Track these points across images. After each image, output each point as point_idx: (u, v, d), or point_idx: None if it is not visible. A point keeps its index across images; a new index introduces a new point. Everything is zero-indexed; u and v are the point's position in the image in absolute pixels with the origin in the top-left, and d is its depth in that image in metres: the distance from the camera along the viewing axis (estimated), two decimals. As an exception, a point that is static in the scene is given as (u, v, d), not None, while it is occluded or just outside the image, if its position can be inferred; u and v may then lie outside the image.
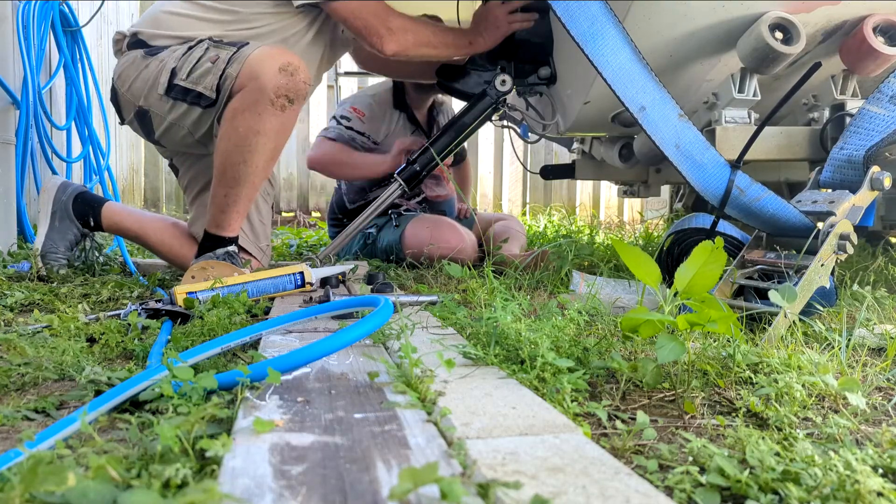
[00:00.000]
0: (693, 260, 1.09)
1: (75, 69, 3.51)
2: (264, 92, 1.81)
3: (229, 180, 1.89)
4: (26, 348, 1.14)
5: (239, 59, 1.88)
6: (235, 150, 1.86)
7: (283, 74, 1.82)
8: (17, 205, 2.91)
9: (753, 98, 1.89)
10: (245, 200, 1.94)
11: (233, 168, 1.88)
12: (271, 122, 1.84)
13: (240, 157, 1.86)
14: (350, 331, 0.95)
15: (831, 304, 1.56)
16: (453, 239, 2.61)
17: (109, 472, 0.62)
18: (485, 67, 2.32)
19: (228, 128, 1.86)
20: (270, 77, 1.81)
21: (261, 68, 1.82)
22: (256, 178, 1.91)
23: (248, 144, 1.85)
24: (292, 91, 1.84)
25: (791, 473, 0.71)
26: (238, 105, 1.85)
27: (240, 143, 1.85)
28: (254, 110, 1.82)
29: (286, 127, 1.89)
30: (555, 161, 5.89)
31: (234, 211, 1.93)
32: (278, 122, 1.85)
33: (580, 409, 0.93)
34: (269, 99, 1.82)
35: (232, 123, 1.85)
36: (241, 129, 1.84)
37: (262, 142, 1.85)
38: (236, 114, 1.85)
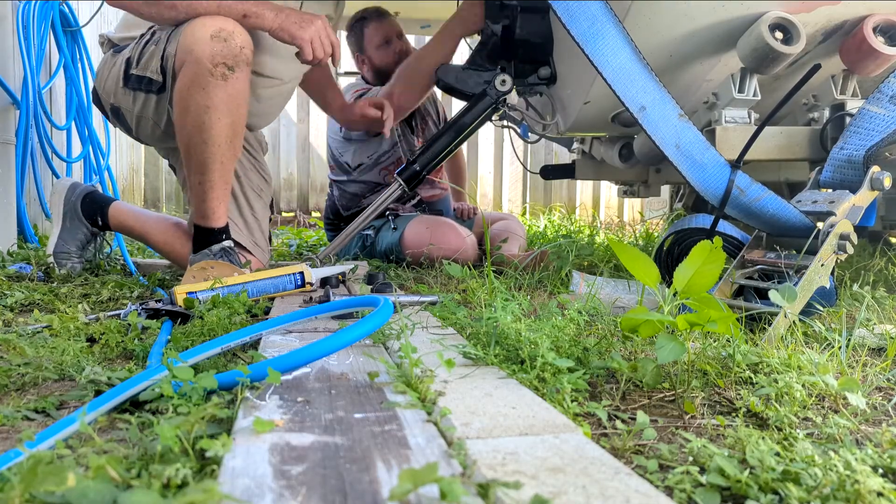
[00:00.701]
0: (692, 259, 1.09)
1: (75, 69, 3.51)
2: (201, 63, 1.72)
3: (197, 165, 1.84)
4: (26, 348, 1.14)
5: (175, 35, 1.82)
6: (193, 132, 1.80)
7: (217, 41, 1.72)
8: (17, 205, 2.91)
9: (753, 98, 1.89)
10: (221, 184, 1.87)
11: (196, 151, 1.81)
12: (218, 95, 1.75)
13: (199, 137, 1.79)
14: (350, 331, 0.95)
15: (831, 304, 1.56)
16: (453, 239, 2.61)
17: (109, 472, 0.62)
18: (485, 67, 2.32)
19: (180, 110, 1.81)
20: (204, 46, 1.72)
21: (193, 39, 1.74)
22: (224, 157, 1.83)
23: (203, 123, 1.77)
24: (229, 57, 1.74)
25: (791, 473, 0.71)
26: (182, 83, 1.78)
27: (194, 124, 1.78)
28: (197, 85, 1.74)
29: (237, 97, 1.79)
30: (555, 161, 5.89)
31: (214, 198, 1.87)
32: (225, 93, 1.75)
33: (580, 409, 0.93)
34: (207, 70, 1.72)
35: (182, 105, 1.79)
36: (191, 109, 1.77)
37: (216, 117, 1.77)
38: (183, 93, 1.78)
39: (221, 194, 1.90)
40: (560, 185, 6.28)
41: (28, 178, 3.14)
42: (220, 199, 1.90)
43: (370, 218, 2.45)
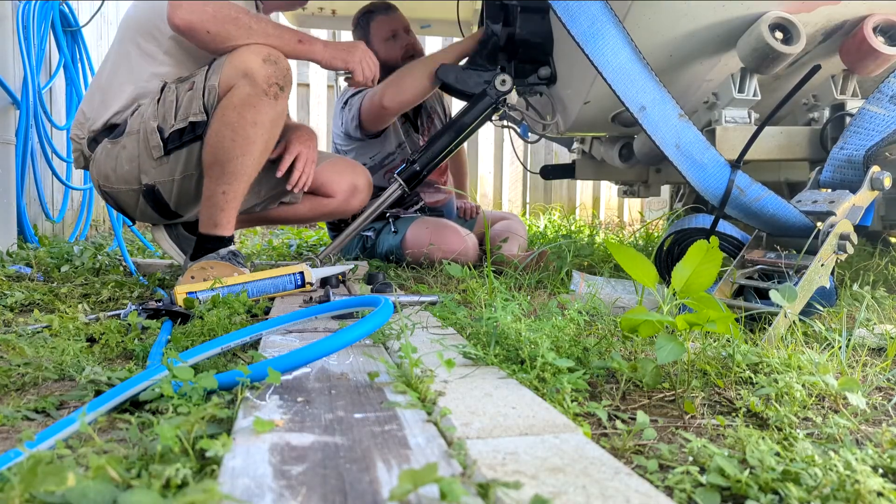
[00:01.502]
0: (689, 259, 1.09)
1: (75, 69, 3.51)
2: (256, 84, 1.83)
3: (227, 176, 1.88)
4: (26, 348, 1.14)
5: (216, 69, 1.88)
6: (233, 145, 1.85)
7: (269, 63, 1.84)
8: (17, 205, 2.91)
9: (753, 98, 1.89)
10: (241, 196, 1.93)
11: (231, 163, 1.87)
12: (267, 112, 1.86)
13: (238, 150, 1.86)
14: (350, 331, 0.95)
15: (831, 304, 1.56)
16: (455, 241, 2.61)
17: (109, 472, 0.62)
18: (485, 67, 2.32)
19: (220, 125, 1.85)
20: (258, 68, 1.82)
21: (246, 64, 1.83)
22: (253, 170, 1.91)
23: (247, 136, 1.85)
24: (280, 77, 1.86)
25: (791, 473, 0.71)
26: (231, 102, 1.84)
27: (237, 138, 1.85)
28: (248, 103, 1.83)
29: (280, 116, 1.91)
30: (555, 161, 5.89)
31: (232, 208, 1.92)
32: (273, 111, 1.87)
33: (580, 409, 0.93)
34: (262, 90, 1.83)
35: (224, 120, 1.85)
36: (237, 124, 1.84)
37: (260, 133, 1.87)
38: (230, 110, 1.84)
39: (237, 206, 1.95)
40: (560, 184, 6.28)
41: (28, 178, 3.14)
42: (235, 211, 1.95)
43: (370, 218, 2.45)
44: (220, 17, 1.84)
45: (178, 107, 1.93)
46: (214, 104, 1.88)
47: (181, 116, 1.92)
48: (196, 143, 1.94)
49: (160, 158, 1.96)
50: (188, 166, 1.98)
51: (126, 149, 1.98)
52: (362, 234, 2.87)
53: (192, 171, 1.99)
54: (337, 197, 2.40)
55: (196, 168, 1.98)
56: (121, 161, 2.00)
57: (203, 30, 1.85)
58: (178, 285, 1.73)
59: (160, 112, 1.94)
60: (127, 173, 2.01)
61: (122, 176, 2.02)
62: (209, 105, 1.89)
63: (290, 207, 2.39)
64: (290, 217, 2.43)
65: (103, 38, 4.46)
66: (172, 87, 1.95)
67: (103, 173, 2.04)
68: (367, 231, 2.85)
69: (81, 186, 3.82)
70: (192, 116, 1.91)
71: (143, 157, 1.97)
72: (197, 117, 1.90)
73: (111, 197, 2.11)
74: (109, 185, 2.05)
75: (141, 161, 1.98)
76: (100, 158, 2.03)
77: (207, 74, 1.90)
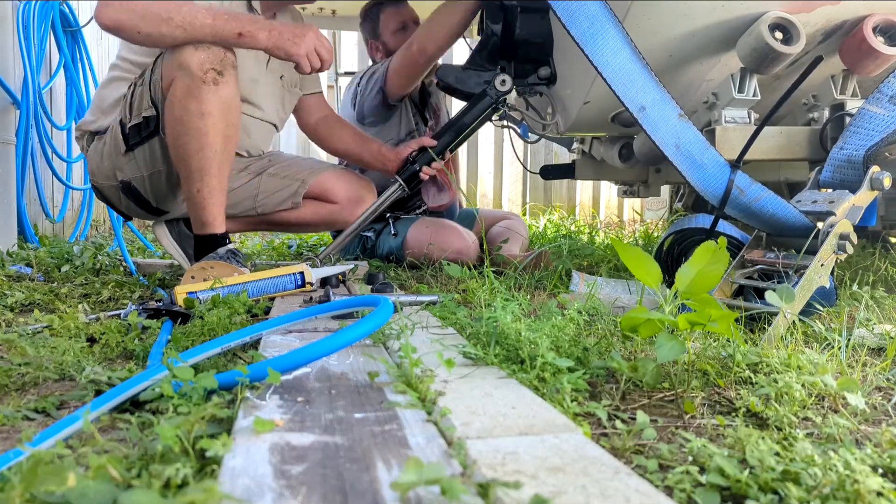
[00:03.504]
0: (695, 260, 1.09)
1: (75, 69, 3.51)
2: (192, 73, 1.76)
3: (196, 173, 1.84)
4: (27, 348, 1.14)
5: (159, 63, 1.87)
6: (188, 139, 1.81)
7: (201, 50, 1.77)
8: (17, 205, 2.91)
9: (753, 98, 1.89)
10: (219, 190, 1.88)
11: (194, 159, 1.83)
12: (212, 100, 1.79)
13: (195, 144, 1.81)
14: (350, 330, 0.95)
15: (831, 304, 1.56)
16: (456, 241, 2.61)
17: (110, 472, 0.62)
18: (484, 67, 2.32)
19: (173, 122, 1.82)
20: (190, 56, 1.76)
21: (179, 54, 1.78)
22: (221, 161, 1.86)
23: (198, 129, 1.80)
24: (216, 62, 1.78)
25: (791, 473, 0.71)
26: (174, 96, 1.80)
27: (190, 132, 1.80)
28: (190, 94, 1.78)
29: (229, 101, 1.83)
30: (555, 161, 5.89)
31: (213, 203, 1.88)
32: (217, 97, 1.79)
33: (580, 409, 0.93)
34: (199, 78, 1.77)
35: (175, 116, 1.81)
36: (185, 118, 1.79)
37: (211, 122, 1.80)
38: (175, 104, 1.80)
39: (220, 200, 1.90)
40: (560, 185, 6.28)
41: (28, 178, 3.14)
42: (219, 205, 1.91)
43: (370, 218, 2.45)
44: (150, 17, 1.73)
45: (132, 102, 1.94)
46: (161, 97, 1.86)
47: (136, 112, 1.93)
48: (154, 138, 1.94)
49: (126, 154, 1.98)
50: (153, 162, 1.98)
51: (106, 145, 2.03)
52: (362, 235, 2.86)
53: (159, 166, 1.99)
54: (340, 203, 2.40)
55: (162, 164, 1.98)
56: (103, 157, 2.04)
57: (134, 30, 1.75)
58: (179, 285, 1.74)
59: (124, 108, 1.97)
60: (107, 169, 2.05)
61: (103, 172, 2.06)
62: (156, 99, 1.88)
63: (293, 211, 2.38)
64: (292, 221, 2.42)
65: (103, 38, 4.46)
66: (133, 84, 1.96)
67: (91, 169, 2.11)
68: (367, 232, 2.85)
69: (81, 186, 3.82)
70: (144, 111, 1.91)
71: (115, 154, 2.01)
72: (148, 112, 1.90)
73: (100, 192, 2.16)
74: (96, 180, 2.11)
75: (114, 158, 2.01)
76: (91, 154, 2.09)
77: (153, 67, 1.88)
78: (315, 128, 2.49)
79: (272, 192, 2.34)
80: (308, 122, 2.49)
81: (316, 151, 5.91)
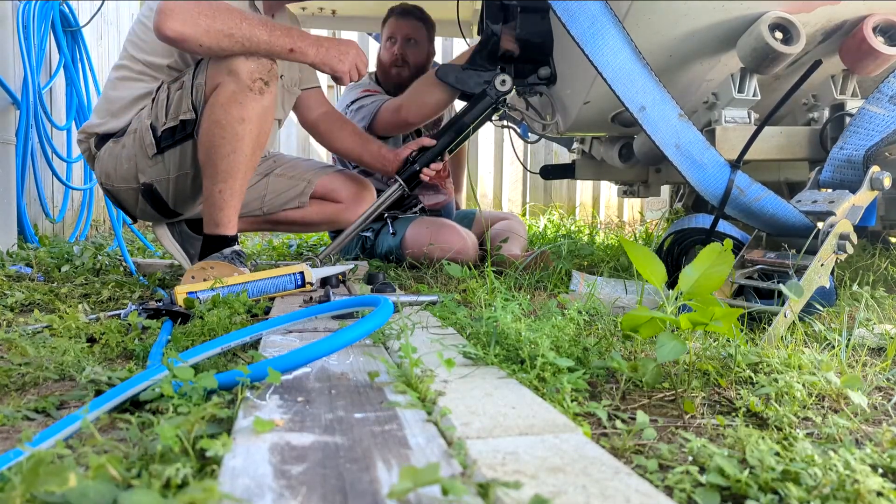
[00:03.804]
0: (700, 261, 1.09)
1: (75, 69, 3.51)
2: (240, 80, 1.83)
3: (222, 174, 1.89)
4: (27, 348, 1.14)
5: (203, 68, 1.91)
6: (223, 143, 1.86)
7: (251, 60, 1.85)
8: (17, 205, 2.91)
9: (753, 98, 1.89)
10: (239, 194, 1.94)
11: (223, 161, 1.88)
12: (254, 108, 1.86)
13: (229, 147, 1.87)
14: (350, 330, 0.95)
15: (831, 304, 1.56)
16: (455, 241, 2.61)
17: (110, 472, 0.62)
18: (485, 67, 2.32)
19: (210, 124, 1.87)
20: (241, 65, 1.83)
21: (230, 61, 1.84)
22: (247, 166, 1.92)
23: (235, 133, 1.86)
24: (265, 72, 1.86)
25: (791, 473, 0.71)
26: (217, 100, 1.85)
27: (226, 135, 1.86)
28: (234, 100, 1.84)
29: (268, 110, 1.91)
30: (555, 161, 5.89)
31: (232, 206, 1.93)
32: (260, 106, 1.87)
33: (580, 409, 0.93)
34: (246, 86, 1.84)
35: (213, 118, 1.86)
36: (224, 121, 1.85)
37: (248, 129, 1.87)
38: (217, 107, 1.85)
39: (238, 203, 1.96)
40: (560, 185, 6.28)
41: (28, 178, 3.14)
42: (235, 208, 1.96)
43: (370, 217, 2.45)
44: (213, 32, 1.79)
45: (168, 105, 1.96)
46: (202, 102, 1.90)
47: (172, 115, 1.95)
48: (188, 142, 1.96)
49: (154, 157, 1.99)
50: (182, 165, 2.01)
51: (125, 147, 2.03)
52: (361, 235, 2.87)
53: (187, 169, 2.01)
54: (344, 203, 2.43)
55: (191, 167, 2.01)
56: (121, 160, 2.04)
57: (195, 43, 1.80)
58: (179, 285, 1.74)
59: (154, 111, 1.98)
60: (126, 172, 2.05)
61: (122, 174, 2.06)
62: (197, 103, 1.92)
63: (298, 211, 2.40)
64: (297, 220, 2.44)
65: (103, 38, 4.46)
66: (166, 87, 1.98)
67: (105, 171, 2.09)
68: (367, 231, 2.86)
69: (81, 186, 3.82)
70: (182, 115, 1.93)
71: (140, 156, 2.01)
72: (186, 115, 1.93)
73: (113, 195, 2.15)
74: (111, 183, 2.10)
75: (138, 160, 2.02)
76: (103, 157, 2.08)
77: (195, 73, 1.92)
78: (315, 124, 2.50)
79: (280, 192, 2.37)
80: (309, 118, 2.50)
81: (316, 152, 5.92)
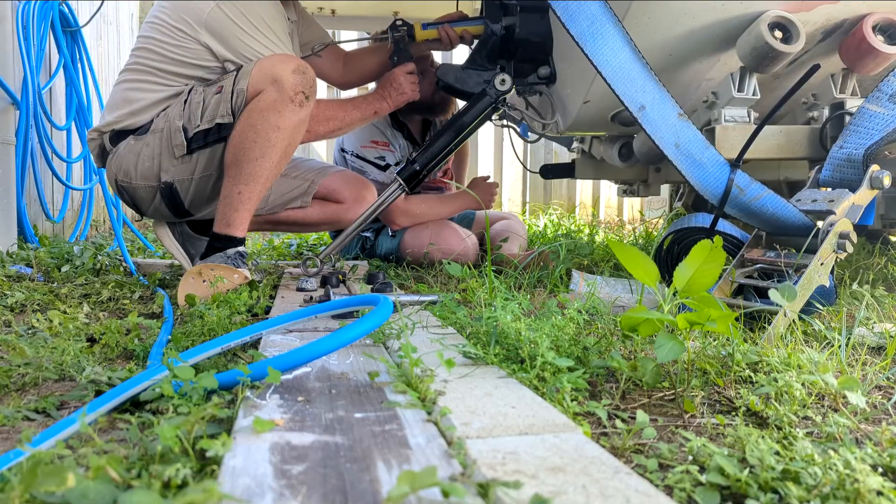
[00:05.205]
0: (692, 259, 1.09)
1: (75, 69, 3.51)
2: (284, 91, 1.90)
3: (245, 177, 1.93)
4: (26, 348, 1.14)
5: (245, 74, 1.94)
6: (254, 146, 1.92)
7: (297, 74, 1.92)
8: (17, 205, 2.91)
9: (753, 97, 1.89)
10: (256, 199, 1.97)
11: (250, 164, 1.92)
12: (290, 119, 1.92)
13: (259, 152, 1.92)
14: (350, 329, 0.95)
15: (831, 303, 1.56)
16: (454, 242, 2.61)
17: (109, 473, 0.62)
18: (484, 67, 2.32)
19: (244, 127, 1.91)
20: (288, 76, 1.90)
21: (276, 71, 1.90)
22: (271, 174, 1.97)
23: (268, 140, 1.91)
24: (307, 88, 1.94)
25: (791, 472, 0.71)
26: (258, 105, 1.91)
27: (259, 140, 1.91)
28: (274, 108, 1.90)
29: (302, 124, 1.98)
30: (554, 160, 5.89)
31: (247, 209, 1.96)
32: (297, 118, 1.94)
33: (580, 409, 0.93)
34: (288, 97, 1.91)
35: (249, 122, 1.91)
36: (260, 126, 1.90)
37: (281, 137, 1.92)
38: (255, 113, 1.91)
39: (252, 207, 1.98)
40: (560, 184, 6.28)
41: (28, 178, 3.14)
42: (249, 213, 1.98)
43: (370, 217, 2.45)
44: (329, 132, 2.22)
45: (204, 108, 1.98)
46: (241, 107, 1.93)
47: (207, 118, 1.97)
48: (219, 145, 1.99)
49: (182, 157, 2.01)
50: (209, 166, 2.03)
51: (149, 146, 2.03)
52: (362, 235, 2.86)
53: (213, 171, 2.04)
54: (346, 203, 2.45)
55: (216, 169, 2.03)
56: (143, 157, 2.04)
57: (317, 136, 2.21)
58: (180, 285, 1.74)
59: (186, 112, 1.99)
60: (147, 170, 2.05)
61: (143, 172, 2.06)
62: (237, 108, 1.95)
63: (300, 211, 2.41)
64: (299, 220, 2.45)
65: (103, 38, 4.46)
66: (199, 90, 2.00)
67: (123, 168, 2.08)
68: (367, 232, 2.85)
69: (81, 186, 3.82)
70: (218, 118, 1.96)
71: (165, 155, 2.02)
72: (224, 119, 1.96)
73: (127, 192, 2.14)
74: (128, 180, 2.09)
75: (162, 159, 2.03)
76: (122, 153, 2.07)
77: (236, 79, 1.96)
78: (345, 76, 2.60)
79: (282, 192, 2.38)
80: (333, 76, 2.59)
81: (316, 152, 5.92)
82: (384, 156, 2.85)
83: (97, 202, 4.14)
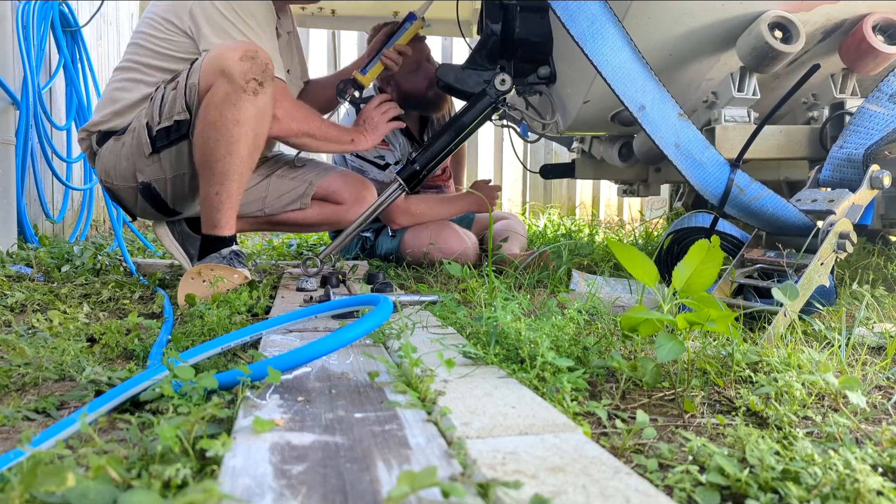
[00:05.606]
0: (690, 258, 1.09)
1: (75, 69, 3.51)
2: (234, 81, 1.81)
3: (218, 176, 1.89)
4: (26, 348, 1.14)
5: (196, 68, 1.89)
6: (218, 145, 1.86)
7: (246, 60, 1.82)
8: (17, 205, 2.91)
9: (753, 97, 1.89)
10: (236, 196, 1.93)
11: (219, 163, 1.87)
12: (248, 110, 1.85)
13: (224, 149, 1.86)
14: (350, 329, 0.95)
15: (831, 303, 1.56)
16: (455, 242, 2.61)
17: (109, 473, 0.62)
18: (484, 67, 2.32)
19: (204, 125, 1.86)
20: (235, 65, 1.81)
21: (223, 61, 1.82)
22: (243, 168, 1.91)
23: (231, 136, 1.85)
24: (259, 73, 1.84)
25: (791, 472, 0.71)
26: (211, 101, 1.84)
27: (222, 137, 1.85)
28: (229, 102, 1.83)
29: (264, 112, 1.89)
30: (554, 160, 5.88)
31: (228, 207, 1.93)
32: (255, 108, 1.85)
33: (580, 409, 0.93)
34: (240, 87, 1.82)
35: (207, 120, 1.85)
36: (219, 123, 1.84)
37: (244, 130, 1.86)
38: (211, 109, 1.84)
39: (235, 204, 1.95)
40: (560, 184, 6.28)
41: (28, 178, 3.14)
42: (233, 210, 1.95)
43: (370, 217, 2.45)
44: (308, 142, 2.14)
45: (163, 105, 1.95)
46: (196, 102, 1.89)
47: (167, 115, 1.94)
48: (183, 142, 1.95)
49: (151, 156, 1.99)
50: (179, 165, 2.00)
51: (125, 146, 2.02)
52: (362, 235, 2.86)
53: (184, 169, 2.01)
54: (345, 204, 2.44)
55: (188, 167, 2.00)
56: (120, 158, 2.04)
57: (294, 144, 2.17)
58: (180, 285, 1.74)
59: (150, 110, 1.97)
60: (125, 170, 2.05)
61: (121, 173, 2.06)
62: (191, 103, 1.90)
63: (300, 212, 2.40)
64: (299, 221, 2.44)
65: (103, 38, 4.46)
66: (162, 87, 1.98)
67: (105, 169, 2.09)
68: (367, 232, 2.85)
69: (81, 186, 3.82)
70: (176, 115, 1.93)
71: (137, 155, 2.01)
72: (181, 115, 1.92)
73: (113, 193, 2.15)
74: (111, 181, 2.10)
75: (136, 159, 2.02)
76: (104, 154, 2.08)
77: (189, 73, 1.91)
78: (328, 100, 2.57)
79: (281, 193, 2.37)
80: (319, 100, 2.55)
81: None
82: (384, 155, 2.85)
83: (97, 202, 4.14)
